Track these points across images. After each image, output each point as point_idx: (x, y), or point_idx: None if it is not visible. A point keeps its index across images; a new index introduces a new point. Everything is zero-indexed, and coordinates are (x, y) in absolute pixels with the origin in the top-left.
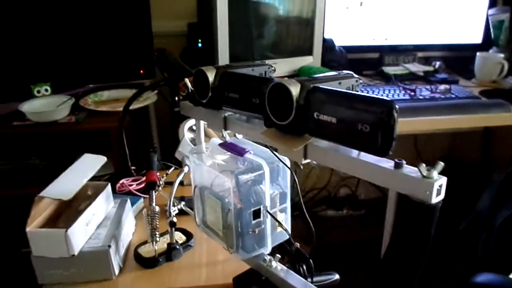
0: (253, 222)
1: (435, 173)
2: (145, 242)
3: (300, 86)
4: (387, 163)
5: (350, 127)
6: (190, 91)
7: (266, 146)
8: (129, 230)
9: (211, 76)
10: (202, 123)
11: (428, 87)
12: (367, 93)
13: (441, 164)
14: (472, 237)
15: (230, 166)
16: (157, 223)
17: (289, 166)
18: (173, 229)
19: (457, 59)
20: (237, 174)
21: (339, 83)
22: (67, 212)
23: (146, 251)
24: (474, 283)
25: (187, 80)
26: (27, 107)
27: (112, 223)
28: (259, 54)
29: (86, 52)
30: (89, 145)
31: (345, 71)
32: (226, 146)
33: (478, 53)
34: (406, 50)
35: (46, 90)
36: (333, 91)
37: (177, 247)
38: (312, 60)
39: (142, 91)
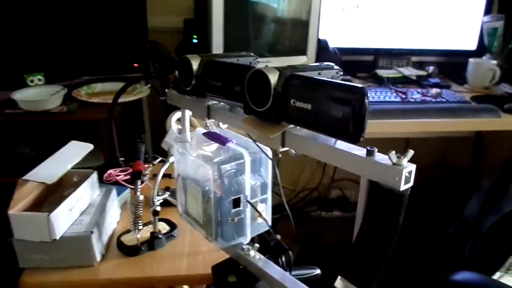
0: (233, 211)
1: (404, 161)
2: (128, 231)
3: (278, 73)
4: (360, 151)
5: (324, 113)
6: None
7: (249, 136)
8: (113, 218)
9: (195, 64)
10: (187, 112)
11: (419, 90)
12: None
13: (411, 152)
14: (459, 242)
15: (213, 156)
16: (141, 212)
17: (270, 156)
18: (156, 218)
19: (451, 65)
20: (218, 162)
21: (319, 73)
22: (52, 197)
23: (129, 239)
24: (453, 281)
25: (177, 72)
26: (19, 95)
27: (96, 210)
28: (253, 52)
29: (81, 43)
30: (79, 135)
31: (325, 63)
32: (209, 135)
33: (470, 59)
34: (401, 54)
35: (40, 79)
36: (308, 78)
37: (160, 236)
38: (306, 60)
39: (132, 82)
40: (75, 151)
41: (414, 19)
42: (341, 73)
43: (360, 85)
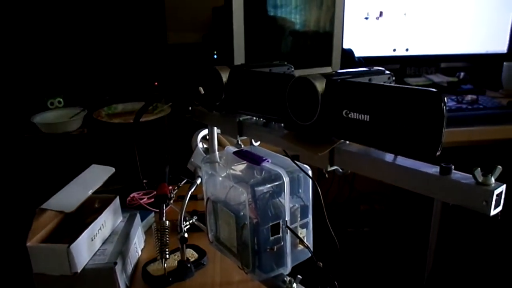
0: (271, 238)
1: (492, 180)
2: (154, 260)
3: (325, 80)
4: (431, 168)
5: (388, 126)
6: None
7: (286, 154)
8: (137, 246)
9: (225, 75)
10: (215, 130)
11: (453, 97)
12: None
13: (499, 169)
14: None
15: (246, 176)
16: (167, 239)
17: (311, 176)
18: (184, 245)
19: (482, 69)
20: (253, 184)
21: (370, 79)
22: (73, 226)
23: (155, 269)
24: None
25: (201, 88)
26: (39, 118)
27: (119, 238)
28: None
29: (100, 63)
30: (101, 157)
31: (375, 67)
32: (241, 154)
33: (505, 63)
34: (428, 61)
35: (59, 102)
36: (366, 84)
37: (189, 265)
38: (331, 71)
39: (152, 101)
40: (96, 175)
41: (439, 23)
42: (393, 78)
43: (434, 90)
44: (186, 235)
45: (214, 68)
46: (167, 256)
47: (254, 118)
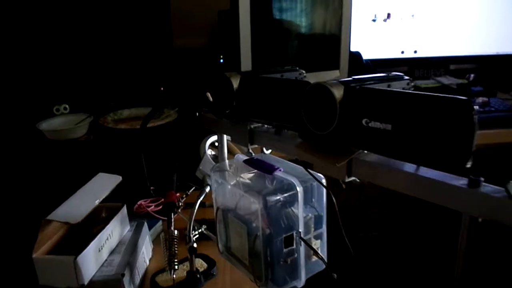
0: (285, 250)
1: None
2: (163, 270)
3: (343, 87)
4: (458, 181)
5: (412, 136)
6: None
7: (298, 162)
8: (145, 256)
9: (235, 82)
10: (225, 137)
11: None
12: None
13: None
14: None
15: (256, 185)
16: (176, 248)
17: (325, 185)
18: (194, 255)
19: (492, 71)
20: (266, 194)
21: (388, 86)
22: (79, 236)
23: (164, 280)
24: None
25: (208, 94)
26: (45, 125)
27: (127, 248)
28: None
29: (106, 69)
30: (107, 164)
31: (394, 73)
32: (252, 162)
33: None
34: (437, 63)
35: (65, 108)
36: (387, 92)
37: (198, 276)
38: (338, 75)
39: (160, 107)
40: (103, 184)
41: (448, 24)
42: (413, 84)
43: (463, 97)
44: (195, 245)
45: (224, 75)
46: (176, 267)
47: (265, 125)
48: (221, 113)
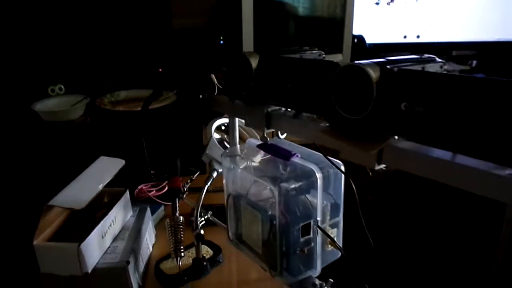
0: (302, 239)
1: None
2: (167, 257)
3: (379, 69)
4: (501, 170)
5: (461, 123)
6: (216, 87)
7: (316, 149)
8: (149, 242)
9: (254, 62)
10: (237, 121)
11: None
12: None
13: None
14: None
15: (272, 172)
16: (182, 235)
17: (344, 171)
18: (200, 243)
19: (493, 57)
20: (283, 182)
21: (422, 68)
22: (81, 222)
23: (169, 267)
24: None
25: (213, 75)
26: (40, 106)
27: (130, 235)
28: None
29: (103, 49)
30: (105, 146)
31: (427, 55)
32: (266, 148)
33: None
34: (440, 48)
35: (60, 89)
36: (432, 74)
37: (204, 263)
38: (341, 58)
39: (162, 89)
40: (105, 168)
41: (451, 9)
42: (446, 66)
43: None
44: (202, 232)
45: (242, 54)
46: (182, 254)
47: (283, 108)
48: (237, 94)
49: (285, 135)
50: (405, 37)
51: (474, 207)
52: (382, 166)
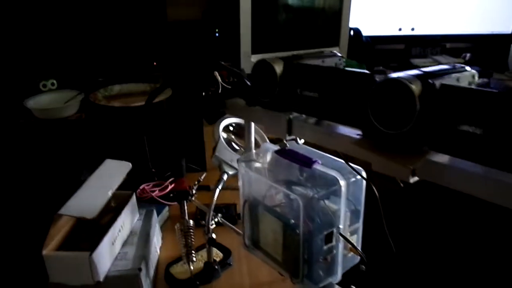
0: (325, 247)
1: None
2: (176, 260)
3: (421, 83)
4: None
5: (502, 139)
6: (220, 86)
7: (338, 155)
8: (156, 245)
9: (278, 68)
10: (253, 125)
11: None
12: None
13: None
14: None
15: (293, 179)
16: (192, 239)
17: (366, 178)
18: (212, 248)
19: (486, 50)
20: (307, 190)
21: (457, 79)
22: (88, 227)
23: (179, 271)
24: None
25: (216, 73)
26: (32, 103)
27: (139, 239)
28: (283, 45)
29: (95, 41)
30: (102, 145)
31: (458, 64)
32: (286, 154)
33: None
34: (434, 41)
35: (53, 84)
36: (477, 91)
37: (216, 266)
38: (338, 51)
39: (168, 84)
40: (112, 173)
41: (445, 2)
42: (476, 78)
43: None
44: (214, 235)
45: (265, 61)
46: (194, 258)
47: (303, 115)
48: (258, 101)
49: (303, 140)
50: (400, 29)
51: (503, 219)
52: (416, 178)
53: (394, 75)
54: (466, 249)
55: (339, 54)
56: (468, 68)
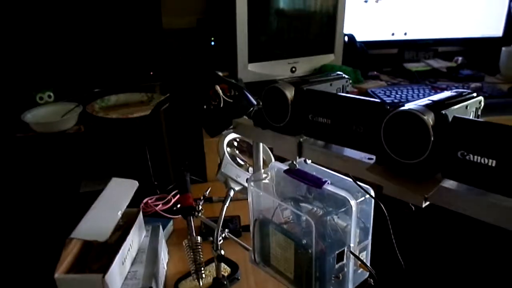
0: (336, 266)
1: None
2: (185, 276)
3: (433, 115)
4: None
5: None
6: (222, 100)
7: (347, 175)
8: (164, 261)
9: (290, 93)
10: (261, 145)
11: (457, 85)
12: (394, 93)
13: None
14: None
15: (304, 200)
16: (201, 256)
17: (374, 196)
18: (221, 264)
19: (478, 53)
20: (319, 211)
21: (466, 107)
22: (97, 247)
23: (189, 287)
24: None
25: (217, 87)
26: (30, 116)
27: (148, 257)
28: (280, 53)
29: (91, 53)
30: (102, 158)
31: (464, 90)
32: (295, 174)
33: (503, 48)
34: (426, 45)
35: (49, 96)
36: (489, 124)
37: (225, 282)
38: (333, 58)
39: (177, 96)
40: (120, 192)
41: (437, 6)
42: (482, 104)
43: None
44: (222, 252)
45: (276, 88)
46: (203, 275)
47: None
48: (268, 125)
49: (310, 160)
50: (393, 34)
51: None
52: (428, 203)
53: (406, 106)
54: (475, 268)
55: (346, 76)
56: (474, 94)
